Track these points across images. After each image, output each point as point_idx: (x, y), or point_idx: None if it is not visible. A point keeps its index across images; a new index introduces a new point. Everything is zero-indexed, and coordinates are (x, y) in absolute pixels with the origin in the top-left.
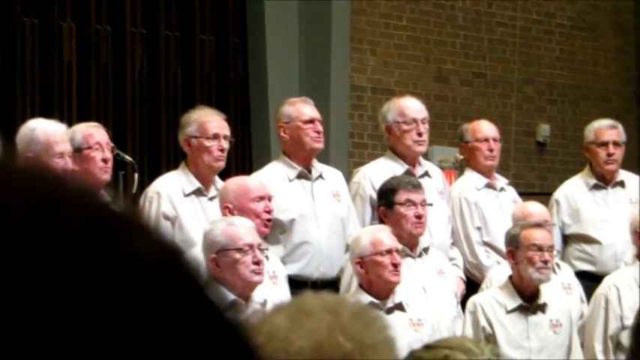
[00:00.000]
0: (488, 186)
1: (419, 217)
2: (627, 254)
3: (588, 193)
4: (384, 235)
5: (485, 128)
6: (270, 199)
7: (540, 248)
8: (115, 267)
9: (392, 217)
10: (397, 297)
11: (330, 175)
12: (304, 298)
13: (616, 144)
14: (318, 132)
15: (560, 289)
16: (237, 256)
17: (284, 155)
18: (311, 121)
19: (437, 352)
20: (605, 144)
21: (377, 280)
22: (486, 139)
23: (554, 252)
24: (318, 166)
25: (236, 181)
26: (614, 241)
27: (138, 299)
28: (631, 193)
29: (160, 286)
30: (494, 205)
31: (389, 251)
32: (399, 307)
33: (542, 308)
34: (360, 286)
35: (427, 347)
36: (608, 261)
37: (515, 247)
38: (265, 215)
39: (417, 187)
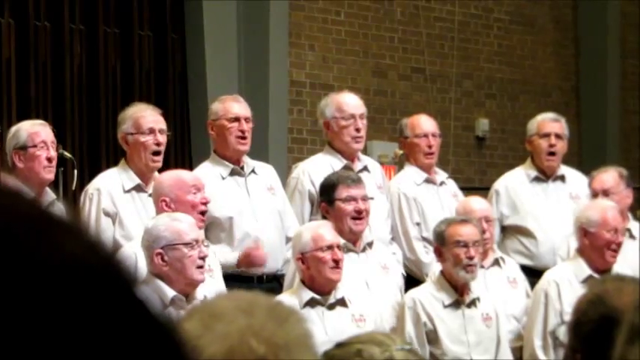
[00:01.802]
0: (428, 181)
1: (359, 212)
2: (562, 249)
3: (528, 185)
4: (325, 231)
5: (425, 124)
6: (204, 190)
7: (466, 244)
8: (41, 266)
9: (333, 213)
10: (339, 292)
11: (262, 169)
12: (216, 301)
13: (558, 136)
14: (242, 131)
15: (504, 283)
16: (185, 250)
17: (214, 153)
18: (236, 119)
19: (349, 348)
20: (547, 135)
21: (318, 276)
22: (425, 135)
23: (494, 245)
24: (249, 162)
25: (169, 175)
26: (551, 236)
27: (65, 299)
28: (571, 187)
29: (88, 286)
30: (434, 200)
31: (330, 247)
32: (342, 302)
33: (474, 302)
34: (302, 281)
35: (339, 345)
36: (546, 255)
37: (441, 243)
38: (201, 207)
39: (357, 181)
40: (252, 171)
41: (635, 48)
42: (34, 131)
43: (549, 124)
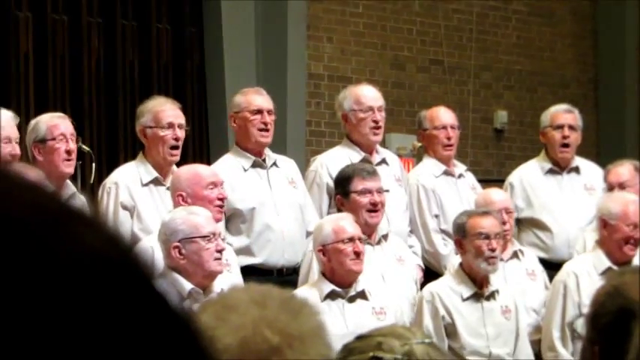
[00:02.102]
0: (447, 173)
1: (374, 204)
2: (579, 242)
3: (543, 178)
4: (346, 223)
5: (443, 116)
6: (222, 186)
7: (487, 236)
8: (61, 259)
9: (349, 206)
10: (359, 285)
11: (283, 163)
12: (230, 293)
13: (572, 128)
14: (265, 123)
15: (523, 276)
16: (203, 243)
17: (236, 145)
18: (259, 111)
19: (370, 340)
20: (560, 127)
21: (339, 269)
22: (444, 127)
23: (512, 238)
24: (271, 155)
25: (187, 169)
26: (566, 228)
27: (83, 292)
28: (586, 179)
29: (107, 279)
30: (453, 192)
31: (351, 239)
32: (362, 295)
33: (493, 295)
34: (323, 274)
35: (359, 338)
36: (561, 248)
37: (462, 236)
38: (218, 202)
39: (373, 174)
40: (274, 164)
41: None
42: (54, 124)
43: (562, 115)
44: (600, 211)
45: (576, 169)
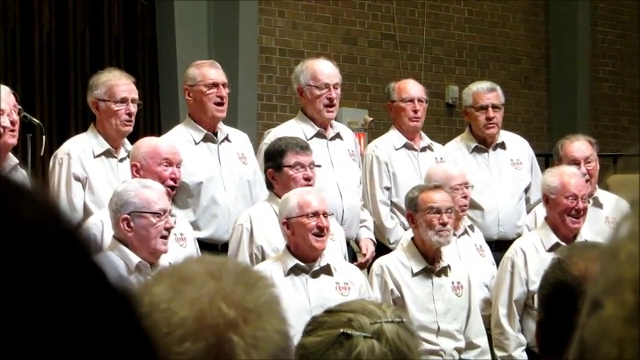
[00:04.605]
0: (408, 147)
1: (307, 179)
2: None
3: (469, 156)
4: (312, 198)
5: (411, 88)
6: (179, 166)
7: (439, 210)
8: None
9: (280, 180)
10: (324, 260)
11: (236, 137)
12: (185, 265)
13: (495, 107)
14: (221, 97)
15: (473, 251)
16: (152, 219)
17: (189, 118)
18: (215, 85)
19: (339, 316)
20: (484, 108)
21: (302, 243)
22: (411, 100)
23: (461, 213)
24: (223, 129)
25: (149, 141)
26: (496, 206)
27: (15, 263)
28: (512, 154)
29: (41, 252)
30: (410, 165)
31: (315, 214)
32: (326, 270)
33: (444, 271)
34: (287, 247)
35: (329, 312)
36: (491, 226)
37: (414, 210)
38: (169, 182)
39: (306, 148)
40: (226, 138)
41: (605, 15)
42: None
43: (485, 95)
44: (542, 188)
45: (502, 145)
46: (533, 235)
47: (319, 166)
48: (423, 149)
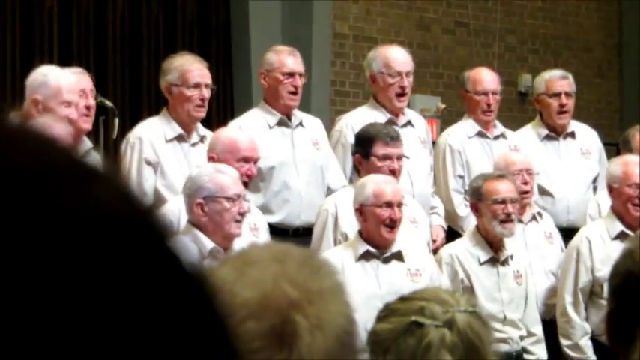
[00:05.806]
0: (481, 135)
1: (393, 171)
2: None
3: (540, 144)
4: (388, 187)
5: (486, 81)
6: (255, 162)
7: (503, 201)
8: (69, 213)
9: (367, 168)
10: (395, 246)
11: (310, 123)
12: (250, 249)
13: (567, 94)
14: (295, 86)
15: (542, 239)
16: (226, 204)
17: (264, 102)
18: (291, 74)
19: (412, 303)
20: (557, 95)
21: (373, 232)
22: (485, 93)
23: (531, 201)
24: (298, 114)
25: (228, 134)
26: (566, 194)
27: (91, 247)
28: (582, 144)
29: (115, 236)
30: (484, 153)
31: (389, 204)
32: (398, 256)
33: (506, 260)
34: (360, 233)
35: (402, 299)
36: (560, 214)
37: (478, 199)
38: (244, 178)
39: (396, 139)
40: (300, 124)
41: None
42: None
43: (558, 82)
44: (606, 177)
45: (572, 134)
46: (598, 224)
47: (407, 157)
48: (497, 137)
